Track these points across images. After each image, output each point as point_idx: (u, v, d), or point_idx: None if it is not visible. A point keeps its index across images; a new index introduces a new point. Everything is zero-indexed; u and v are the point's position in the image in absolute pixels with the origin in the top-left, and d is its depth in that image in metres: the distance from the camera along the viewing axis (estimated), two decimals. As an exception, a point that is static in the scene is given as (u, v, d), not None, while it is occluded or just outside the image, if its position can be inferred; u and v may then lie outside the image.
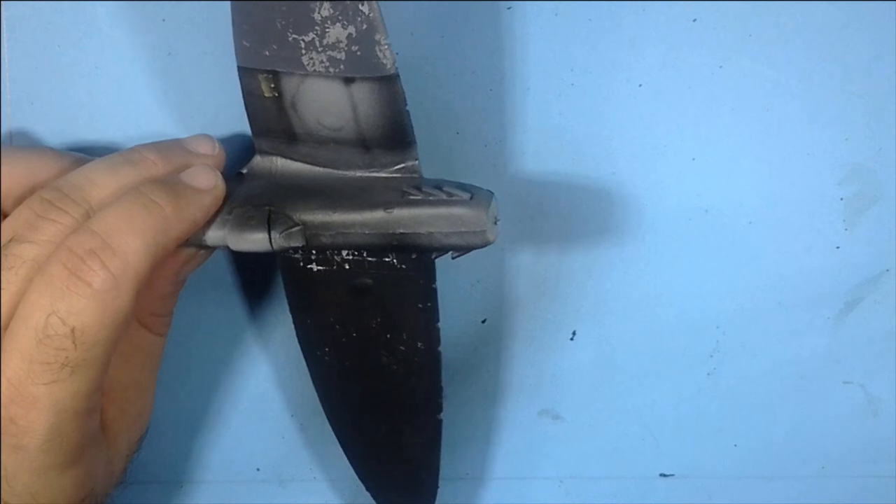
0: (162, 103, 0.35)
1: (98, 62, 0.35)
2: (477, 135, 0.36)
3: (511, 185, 0.36)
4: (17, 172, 0.31)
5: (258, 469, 0.42)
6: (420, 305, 0.33)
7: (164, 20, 0.34)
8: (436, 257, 0.32)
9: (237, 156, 0.35)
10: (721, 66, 0.35)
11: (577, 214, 0.37)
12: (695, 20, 0.34)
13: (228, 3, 0.33)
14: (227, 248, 0.31)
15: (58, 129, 0.35)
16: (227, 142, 0.35)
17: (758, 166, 0.36)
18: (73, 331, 0.27)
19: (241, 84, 0.31)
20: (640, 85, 0.35)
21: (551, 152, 0.36)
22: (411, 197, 0.31)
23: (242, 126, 0.35)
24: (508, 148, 0.36)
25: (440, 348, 0.34)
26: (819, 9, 0.34)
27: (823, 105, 0.35)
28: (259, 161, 0.33)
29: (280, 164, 0.33)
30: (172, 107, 0.35)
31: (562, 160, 0.36)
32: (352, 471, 0.40)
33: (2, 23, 0.34)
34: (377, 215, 0.31)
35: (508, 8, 0.34)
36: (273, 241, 0.30)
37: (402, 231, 0.31)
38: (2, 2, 0.34)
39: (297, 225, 0.31)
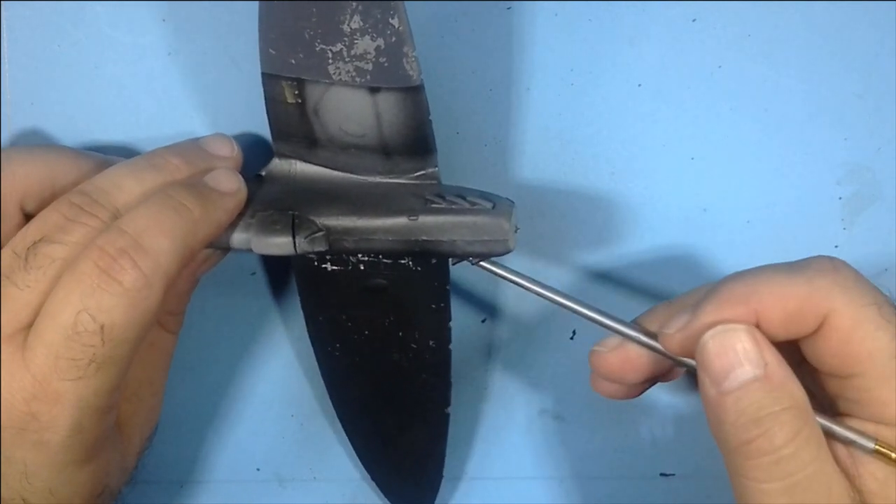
0: (162, 103, 0.35)
1: (98, 62, 0.35)
2: (477, 135, 0.36)
3: (510, 184, 0.36)
4: (38, 171, 0.31)
5: (258, 469, 0.42)
6: (433, 306, 0.33)
7: (164, 20, 0.34)
8: (454, 263, 0.32)
9: (249, 155, 0.35)
10: (720, 66, 0.35)
11: (576, 214, 0.37)
12: (694, 20, 0.34)
13: (228, 3, 0.34)
14: (250, 251, 0.31)
15: (58, 129, 0.36)
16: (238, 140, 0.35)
17: (756, 166, 0.36)
18: (102, 328, 0.27)
19: (264, 89, 0.31)
20: (640, 85, 0.35)
21: (551, 152, 0.36)
22: (434, 205, 0.31)
23: (243, 126, 0.36)
24: (508, 148, 0.36)
25: (451, 345, 0.34)
26: (819, 8, 0.34)
27: (822, 105, 0.35)
28: (278, 164, 0.33)
29: (299, 167, 0.33)
30: (173, 107, 0.35)
31: (561, 160, 0.36)
32: (352, 471, 0.40)
33: (2, 23, 0.34)
34: (401, 222, 0.31)
35: (508, 8, 0.34)
36: (297, 245, 0.31)
37: (425, 238, 0.31)
38: (2, 2, 0.34)
39: (320, 230, 0.31)
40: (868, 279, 0.28)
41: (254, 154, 0.34)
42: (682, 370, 0.32)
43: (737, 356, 0.26)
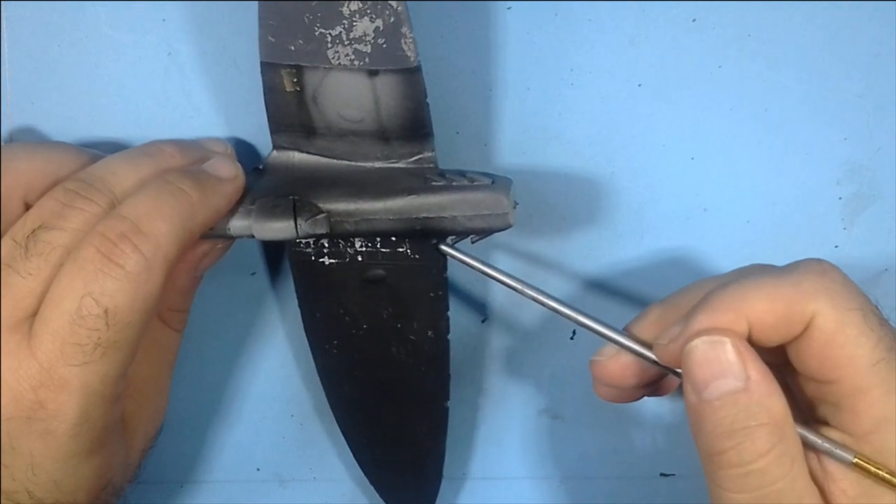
0: (162, 103, 0.35)
1: (98, 62, 0.35)
2: (476, 135, 0.36)
3: (511, 184, 0.37)
4: (41, 166, 0.31)
5: (258, 469, 0.42)
6: (431, 294, 0.34)
7: (164, 20, 0.34)
8: (455, 242, 0.32)
9: (245, 159, 0.35)
10: (720, 66, 0.35)
11: (576, 214, 0.37)
12: (694, 20, 0.34)
13: (228, 3, 0.34)
14: (252, 237, 0.32)
15: (58, 128, 0.36)
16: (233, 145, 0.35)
17: (756, 166, 0.36)
18: (106, 312, 0.27)
19: (263, 79, 0.31)
20: (640, 85, 0.35)
21: (551, 152, 0.36)
22: (434, 183, 0.31)
23: (243, 127, 0.36)
24: (508, 148, 0.36)
25: (449, 336, 0.35)
26: (819, 8, 0.34)
27: (822, 105, 0.35)
28: (276, 156, 0.34)
29: (297, 158, 0.33)
30: (172, 107, 0.35)
31: (561, 160, 0.36)
32: (352, 471, 0.40)
33: (2, 23, 0.34)
34: (401, 201, 0.31)
35: (508, 8, 0.34)
36: (299, 228, 0.31)
37: (425, 216, 0.31)
38: (2, 2, 0.34)
39: (322, 212, 0.31)
40: (857, 285, 0.28)
41: (249, 159, 0.35)
42: (677, 383, 0.32)
43: (720, 367, 0.26)
